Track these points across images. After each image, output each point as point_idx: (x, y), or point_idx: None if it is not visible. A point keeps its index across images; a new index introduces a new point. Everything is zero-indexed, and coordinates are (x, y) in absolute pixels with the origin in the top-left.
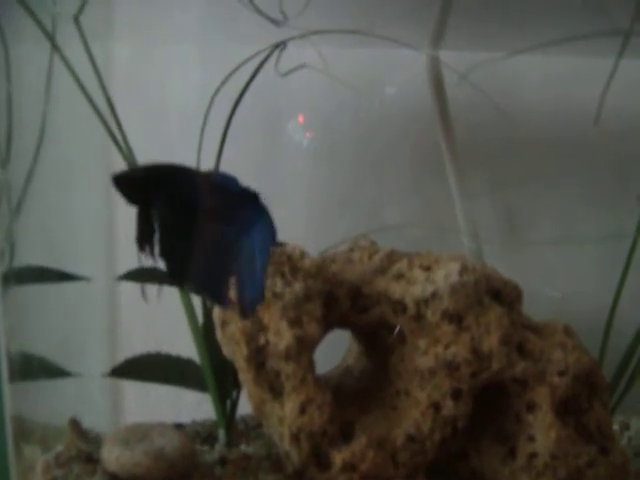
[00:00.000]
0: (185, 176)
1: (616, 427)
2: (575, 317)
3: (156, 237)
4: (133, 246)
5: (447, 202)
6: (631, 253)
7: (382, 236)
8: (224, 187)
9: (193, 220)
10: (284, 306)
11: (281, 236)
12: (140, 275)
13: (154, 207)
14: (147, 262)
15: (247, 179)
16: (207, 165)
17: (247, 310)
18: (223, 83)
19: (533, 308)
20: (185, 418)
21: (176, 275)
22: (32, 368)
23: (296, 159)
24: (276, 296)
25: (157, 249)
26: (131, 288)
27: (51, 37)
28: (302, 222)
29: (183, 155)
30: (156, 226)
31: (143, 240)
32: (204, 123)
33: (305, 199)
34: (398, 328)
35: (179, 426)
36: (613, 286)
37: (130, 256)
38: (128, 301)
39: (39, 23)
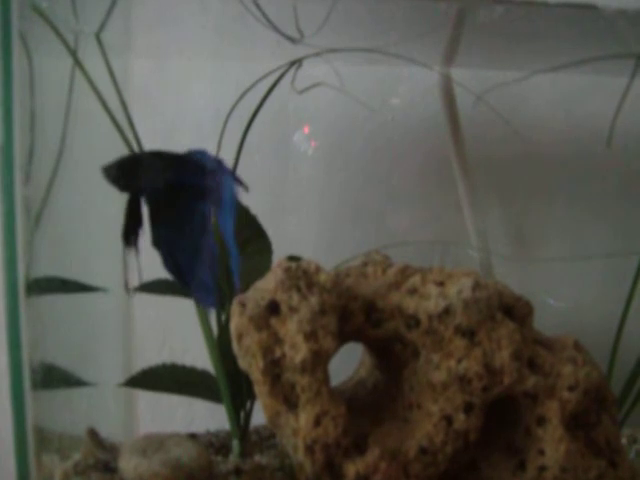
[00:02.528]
0: (167, 159)
1: (624, 441)
2: (584, 331)
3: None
4: (147, 259)
5: (458, 216)
6: (639, 269)
7: (394, 250)
8: (198, 163)
9: (178, 203)
10: (300, 320)
11: (294, 249)
12: (155, 287)
13: (142, 193)
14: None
15: (260, 193)
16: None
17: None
18: (239, 100)
19: (543, 322)
20: (197, 428)
21: (170, 267)
22: (51, 378)
23: (309, 172)
24: (292, 310)
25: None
26: (146, 300)
27: (74, 53)
28: (314, 235)
29: None
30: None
31: (129, 233)
32: (220, 139)
33: (317, 212)
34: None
35: (193, 436)
36: (622, 301)
37: (146, 268)
38: (143, 312)
39: (63, 40)
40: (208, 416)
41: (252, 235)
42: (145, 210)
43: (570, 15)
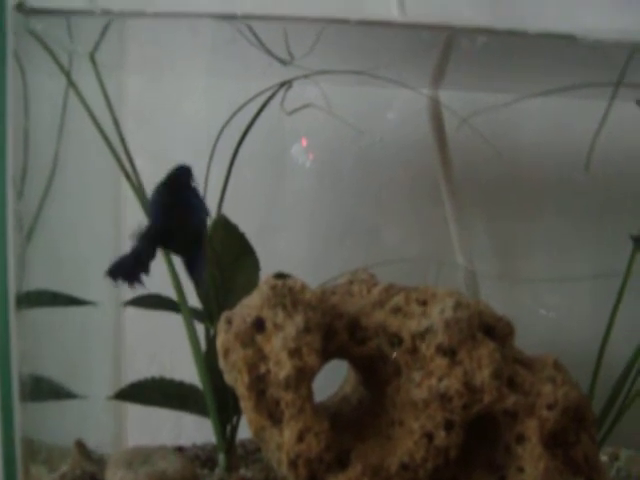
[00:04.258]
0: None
1: (605, 458)
2: (567, 349)
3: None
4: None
5: (444, 234)
6: (622, 288)
7: (381, 268)
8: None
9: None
10: (285, 337)
11: (282, 266)
12: (146, 301)
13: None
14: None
15: (251, 211)
16: (213, 198)
17: None
18: (230, 119)
19: (527, 340)
20: (184, 441)
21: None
22: (40, 390)
23: (299, 191)
24: (277, 327)
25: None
26: (136, 314)
27: (67, 74)
28: (303, 252)
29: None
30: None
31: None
32: (211, 157)
33: (307, 229)
34: (394, 355)
35: (180, 449)
36: (605, 320)
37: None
38: (133, 326)
39: (57, 61)
40: (196, 430)
41: (240, 252)
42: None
43: (550, 44)
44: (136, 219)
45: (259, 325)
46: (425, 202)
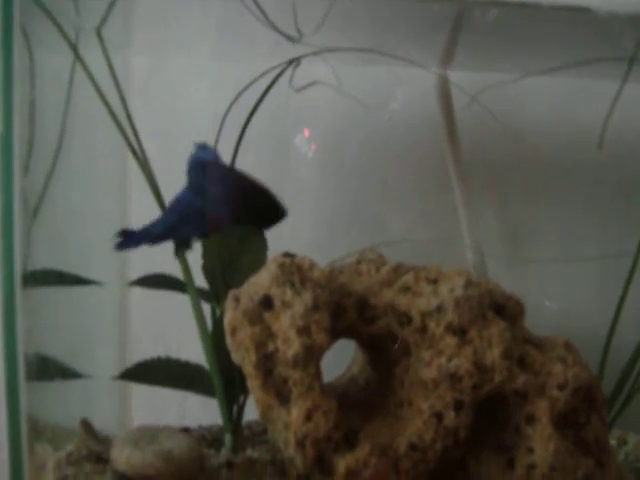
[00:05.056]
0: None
1: (614, 442)
2: (576, 332)
3: None
4: (144, 252)
5: (453, 217)
6: (632, 270)
7: (388, 249)
8: None
9: None
10: (293, 315)
11: (289, 247)
12: (152, 281)
13: None
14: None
15: None
16: None
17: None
18: (237, 97)
19: (535, 322)
20: (190, 422)
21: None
22: (45, 369)
23: (305, 173)
24: (285, 305)
25: None
26: (142, 294)
27: (74, 48)
28: (310, 234)
29: None
30: None
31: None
32: (218, 136)
33: (313, 212)
34: (399, 341)
35: (186, 430)
36: (614, 302)
37: (142, 262)
38: (139, 306)
39: (64, 35)
40: (201, 411)
41: (247, 232)
42: None
43: (564, 18)
44: (142, 197)
45: (267, 303)
46: (433, 183)
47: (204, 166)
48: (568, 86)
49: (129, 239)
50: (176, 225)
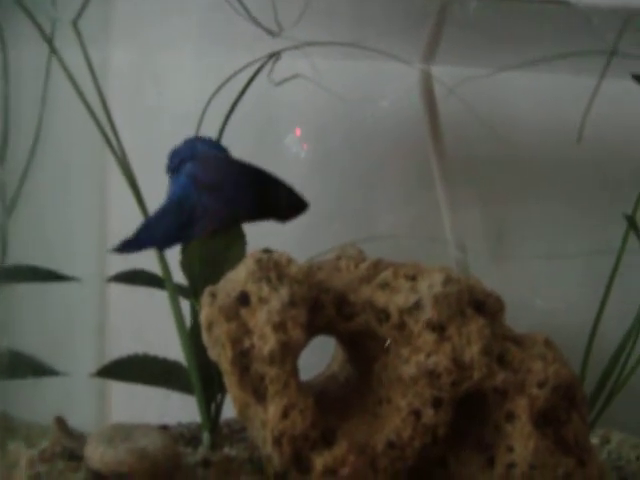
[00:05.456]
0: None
1: (597, 440)
2: (560, 330)
3: None
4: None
5: (436, 214)
6: (615, 269)
7: (371, 246)
8: None
9: None
10: (269, 311)
11: (269, 243)
12: (130, 277)
13: None
14: None
15: None
16: None
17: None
18: (217, 91)
19: (518, 320)
20: (171, 419)
21: None
22: (20, 366)
23: (287, 169)
24: (262, 301)
25: None
26: (122, 289)
27: (50, 41)
28: (291, 231)
29: None
30: None
31: None
32: (197, 129)
33: None
34: (389, 342)
35: (164, 427)
36: (598, 300)
37: (121, 258)
38: (119, 301)
39: (39, 27)
40: (183, 408)
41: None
42: None
43: (544, 11)
44: (121, 191)
45: (243, 299)
46: (416, 179)
47: (213, 161)
48: (552, 82)
49: (129, 246)
50: (184, 226)
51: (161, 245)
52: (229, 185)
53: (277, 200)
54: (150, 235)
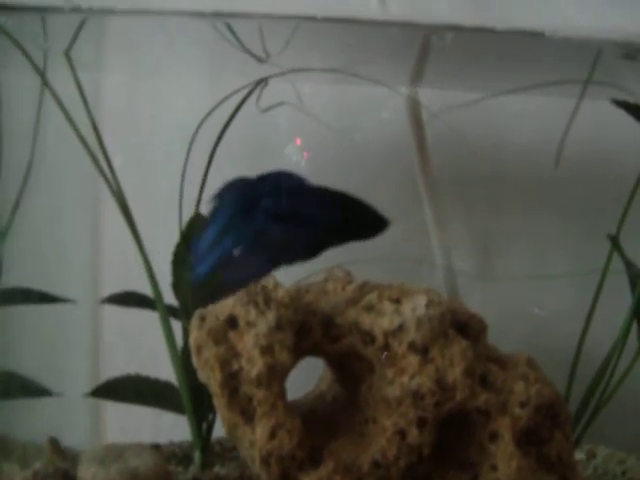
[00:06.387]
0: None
1: (583, 456)
2: (547, 348)
3: None
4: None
5: (424, 234)
6: (599, 289)
7: (358, 267)
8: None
9: None
10: (256, 334)
11: None
12: (123, 299)
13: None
14: None
15: None
16: (191, 195)
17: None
18: (206, 117)
19: (506, 339)
20: (165, 439)
21: None
22: (15, 387)
23: None
24: (249, 324)
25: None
26: (116, 310)
27: (42, 73)
28: None
29: (170, 183)
30: None
31: None
32: (187, 154)
33: None
34: (385, 354)
35: (156, 447)
36: (583, 317)
37: (114, 280)
38: (112, 322)
39: (31, 61)
40: (176, 427)
41: None
42: None
43: (519, 41)
44: (114, 217)
45: (232, 322)
46: (403, 201)
47: (294, 193)
48: (538, 106)
49: (221, 292)
50: (271, 260)
51: (249, 281)
52: (313, 214)
53: (360, 221)
54: (237, 275)
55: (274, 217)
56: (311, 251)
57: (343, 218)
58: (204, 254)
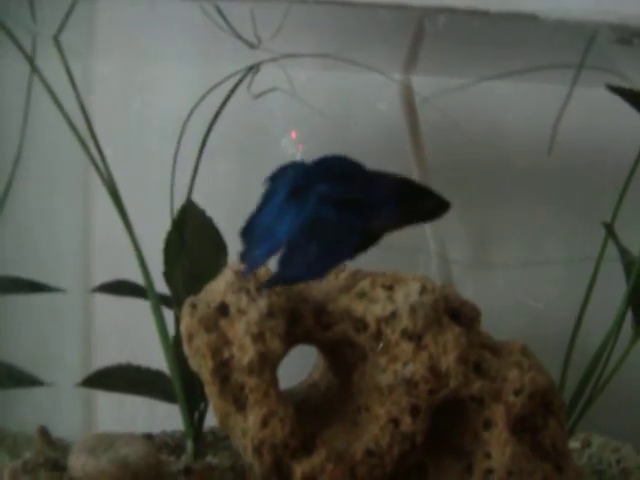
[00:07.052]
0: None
1: (577, 444)
2: (541, 336)
3: None
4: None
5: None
6: (594, 277)
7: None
8: None
9: None
10: (248, 322)
11: None
12: (114, 287)
13: None
14: None
15: (221, 196)
16: (183, 183)
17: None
18: (198, 103)
19: (500, 327)
20: (159, 428)
21: None
22: (5, 377)
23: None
24: (241, 312)
25: None
26: (108, 299)
27: (31, 59)
28: None
29: (162, 171)
30: None
31: None
32: (179, 141)
33: None
34: (381, 345)
35: (149, 436)
36: (578, 305)
37: (105, 268)
38: (104, 311)
39: (20, 47)
40: (171, 416)
41: (208, 238)
42: None
43: (512, 24)
44: (105, 205)
45: (223, 310)
46: None
47: (351, 178)
48: (531, 91)
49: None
50: (331, 249)
51: (311, 275)
52: (373, 198)
53: (420, 204)
54: (294, 267)
55: (330, 203)
56: (369, 238)
57: (402, 202)
58: (258, 239)
